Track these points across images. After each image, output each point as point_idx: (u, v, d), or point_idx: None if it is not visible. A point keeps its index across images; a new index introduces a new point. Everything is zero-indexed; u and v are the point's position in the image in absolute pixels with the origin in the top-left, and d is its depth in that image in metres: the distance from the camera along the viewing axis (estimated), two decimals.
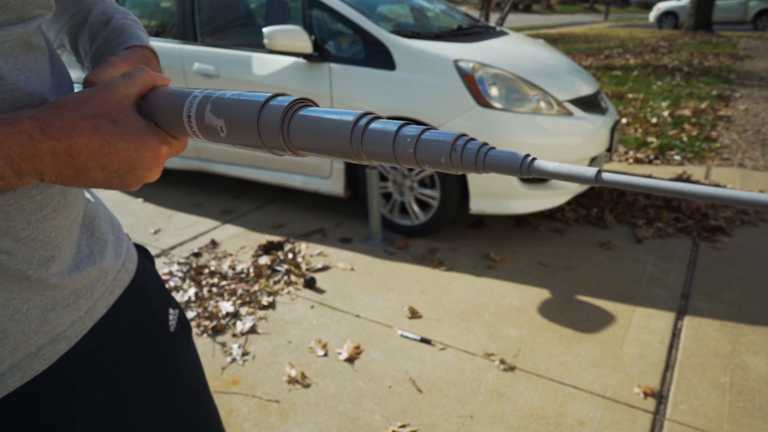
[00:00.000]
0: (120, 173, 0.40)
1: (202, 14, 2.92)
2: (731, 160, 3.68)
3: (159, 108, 0.41)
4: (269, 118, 0.37)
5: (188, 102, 0.40)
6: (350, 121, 0.35)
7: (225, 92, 0.40)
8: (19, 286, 0.42)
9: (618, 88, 6.22)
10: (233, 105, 0.38)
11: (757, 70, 7.52)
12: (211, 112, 0.39)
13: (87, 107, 0.38)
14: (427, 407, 1.54)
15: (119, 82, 0.40)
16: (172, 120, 0.41)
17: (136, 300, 0.56)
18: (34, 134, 0.35)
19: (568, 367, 1.69)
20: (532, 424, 1.47)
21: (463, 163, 0.33)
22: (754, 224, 2.64)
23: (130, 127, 0.39)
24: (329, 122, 0.36)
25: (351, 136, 0.35)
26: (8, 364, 0.44)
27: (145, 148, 0.40)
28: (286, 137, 0.37)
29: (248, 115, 0.37)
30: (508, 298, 2.08)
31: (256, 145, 0.38)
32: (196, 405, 0.65)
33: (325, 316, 1.99)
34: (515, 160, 0.32)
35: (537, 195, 2.37)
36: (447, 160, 0.33)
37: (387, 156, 0.35)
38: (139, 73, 0.42)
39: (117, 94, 0.40)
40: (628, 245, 2.48)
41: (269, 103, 0.37)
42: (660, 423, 1.46)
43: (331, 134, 0.36)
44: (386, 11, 2.99)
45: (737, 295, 2.05)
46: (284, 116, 0.37)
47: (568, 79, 2.62)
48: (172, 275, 2.29)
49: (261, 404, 1.57)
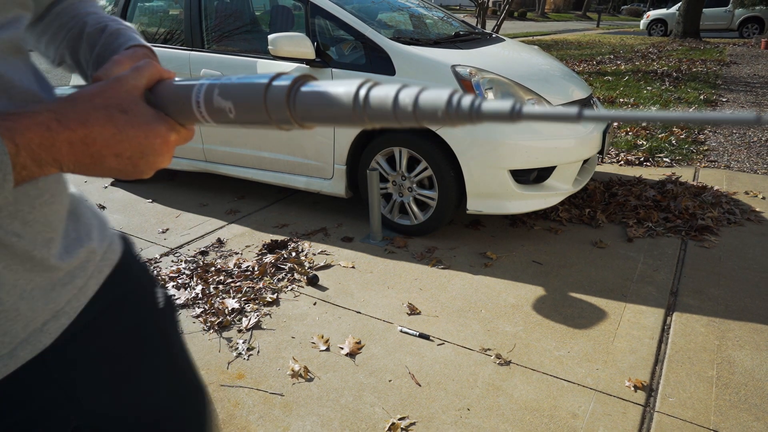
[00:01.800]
0: (133, 160, 0.42)
1: (208, 22, 2.97)
2: (718, 162, 3.76)
3: (167, 98, 0.43)
4: (276, 95, 0.40)
5: (196, 89, 0.42)
6: (353, 91, 0.38)
7: (230, 77, 0.42)
8: (23, 267, 0.46)
9: (610, 92, 6.30)
10: (241, 87, 0.41)
11: (743, 76, 7.66)
12: (219, 96, 0.41)
13: (99, 99, 0.40)
14: (425, 400, 1.57)
15: (128, 75, 0.42)
16: (181, 108, 0.43)
17: (124, 277, 0.59)
18: (51, 125, 0.38)
19: (561, 361, 1.73)
20: (526, 417, 1.50)
21: (458, 115, 0.35)
22: (740, 224, 2.71)
23: (140, 115, 0.41)
24: (333, 93, 0.39)
25: (354, 103, 0.37)
26: (20, 339, 0.47)
27: (155, 135, 0.42)
28: (293, 110, 0.40)
29: (255, 93, 0.41)
30: (504, 295, 2.13)
31: (264, 120, 0.41)
32: (190, 383, 0.68)
33: (327, 313, 2.03)
34: (505, 107, 0.34)
35: (532, 196, 2.42)
36: (444, 114, 0.35)
37: (388, 117, 0.37)
38: (147, 66, 0.44)
39: (127, 86, 0.42)
40: (620, 244, 2.54)
41: (274, 81, 0.41)
42: (650, 415, 1.50)
43: (335, 104, 0.38)
44: (386, 19, 3.05)
45: (724, 292, 2.10)
46: (290, 91, 0.40)
47: (561, 84, 2.67)
48: (179, 273, 2.32)
49: (265, 397, 1.60)
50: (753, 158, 3.85)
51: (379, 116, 0.37)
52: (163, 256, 2.52)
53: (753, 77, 7.57)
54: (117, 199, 3.31)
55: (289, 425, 1.50)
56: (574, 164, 2.47)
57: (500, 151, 2.31)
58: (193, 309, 2.06)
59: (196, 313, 2.03)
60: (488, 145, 2.31)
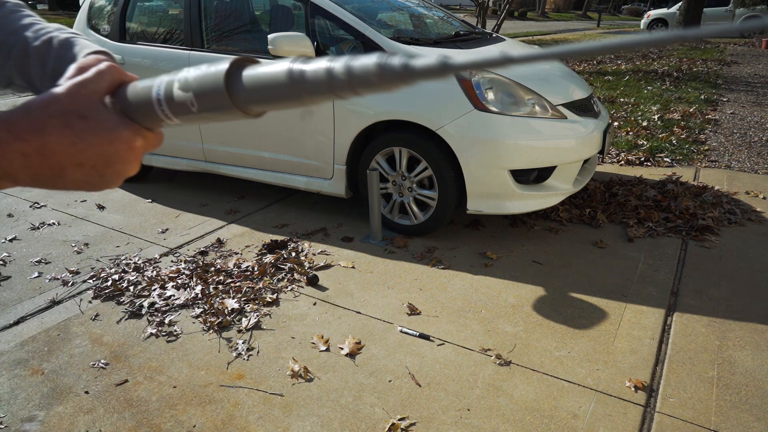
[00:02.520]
0: (98, 169, 0.39)
1: (208, 21, 2.97)
2: (719, 162, 3.76)
3: (129, 100, 0.41)
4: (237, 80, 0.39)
5: (156, 86, 0.40)
6: (286, 67, 0.37)
7: (189, 69, 0.41)
8: None
9: (610, 92, 6.30)
10: (200, 76, 0.39)
11: (744, 75, 7.65)
12: (179, 89, 0.39)
13: (56, 105, 0.37)
14: (425, 401, 1.57)
15: (87, 78, 0.40)
16: (143, 109, 0.41)
17: None
18: (0, 136, 0.35)
19: (561, 361, 1.72)
20: (527, 417, 1.50)
21: (392, 76, 0.35)
22: (741, 224, 2.71)
23: (102, 121, 0.39)
24: (269, 73, 0.38)
25: (290, 80, 0.37)
26: None
27: (119, 140, 0.39)
28: (234, 96, 0.39)
29: (215, 80, 0.39)
30: (504, 295, 2.13)
31: (227, 106, 0.40)
32: None
33: (327, 313, 2.03)
34: (434, 61, 0.34)
35: (532, 196, 2.42)
36: (377, 78, 0.35)
37: (325, 90, 0.37)
38: (106, 68, 0.41)
39: (85, 90, 0.39)
40: (620, 244, 2.54)
41: (233, 66, 0.40)
42: (650, 415, 1.50)
43: (273, 83, 0.37)
44: (386, 18, 3.04)
45: (725, 293, 2.10)
46: (227, 76, 0.39)
47: (562, 83, 2.67)
48: (179, 273, 2.32)
49: (265, 398, 1.60)
50: (754, 158, 3.85)
51: (317, 90, 0.37)
52: (162, 256, 2.52)
53: (754, 77, 7.56)
54: (117, 199, 3.31)
55: (289, 425, 1.50)
56: (575, 164, 2.47)
57: (500, 151, 2.31)
58: (193, 309, 2.06)
59: (195, 313, 2.03)
60: (488, 145, 2.31)
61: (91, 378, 1.71)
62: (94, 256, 2.56)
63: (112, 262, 2.48)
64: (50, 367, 1.78)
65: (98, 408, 1.59)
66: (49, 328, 1.99)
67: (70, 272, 2.40)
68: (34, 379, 1.72)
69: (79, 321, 2.03)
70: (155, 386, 1.67)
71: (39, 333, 1.96)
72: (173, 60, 3.02)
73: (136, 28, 3.29)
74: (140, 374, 1.72)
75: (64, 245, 2.70)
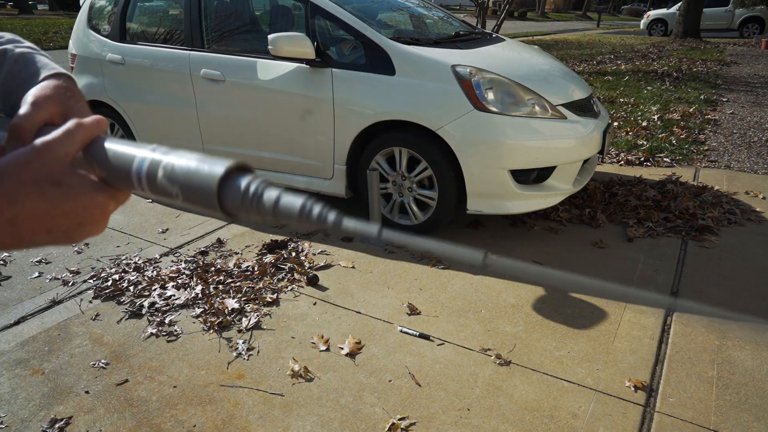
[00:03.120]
0: (68, 233, 0.37)
1: (208, 22, 2.97)
2: (718, 162, 3.76)
3: (104, 164, 0.39)
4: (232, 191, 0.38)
5: (137, 165, 0.38)
6: (274, 198, 0.37)
7: (171, 157, 0.38)
8: None
9: (610, 92, 6.31)
10: (189, 174, 0.38)
11: (744, 76, 7.66)
12: (164, 178, 0.38)
13: (27, 173, 0.34)
14: (425, 400, 1.57)
15: (58, 140, 0.36)
16: (120, 176, 0.39)
17: None
18: None
19: (561, 361, 1.73)
20: (527, 417, 1.50)
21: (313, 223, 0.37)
22: (740, 224, 2.71)
23: (76, 186, 0.36)
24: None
25: (260, 211, 0.37)
26: None
27: (94, 206, 0.37)
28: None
29: (207, 183, 0.37)
30: (504, 295, 2.13)
31: (213, 206, 0.39)
32: None
33: (327, 313, 2.03)
34: (373, 230, 0.37)
35: (532, 196, 2.42)
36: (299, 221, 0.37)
37: (288, 220, 0.38)
38: (77, 129, 0.38)
39: (57, 154, 0.36)
40: (620, 244, 2.54)
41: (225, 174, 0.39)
42: (650, 415, 1.50)
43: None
44: (386, 18, 3.05)
45: (724, 292, 2.10)
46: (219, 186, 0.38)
47: (561, 83, 2.67)
48: (179, 273, 2.32)
49: (265, 397, 1.60)
50: (753, 158, 3.86)
51: (285, 219, 0.38)
52: (163, 256, 2.52)
53: (753, 77, 7.57)
54: None
55: (289, 425, 1.50)
56: (575, 164, 2.48)
57: (500, 151, 2.31)
58: (193, 309, 2.06)
59: (196, 313, 2.03)
60: (488, 145, 2.31)
61: (91, 378, 1.72)
62: (95, 256, 2.56)
63: (113, 262, 2.49)
64: (51, 366, 1.78)
65: (98, 408, 1.59)
66: (50, 327, 1.99)
67: (71, 272, 2.40)
68: (35, 378, 1.72)
69: (79, 321, 2.03)
70: (155, 386, 1.67)
71: (39, 333, 1.96)
72: (173, 60, 3.02)
73: (136, 28, 3.29)
74: (140, 374, 1.72)
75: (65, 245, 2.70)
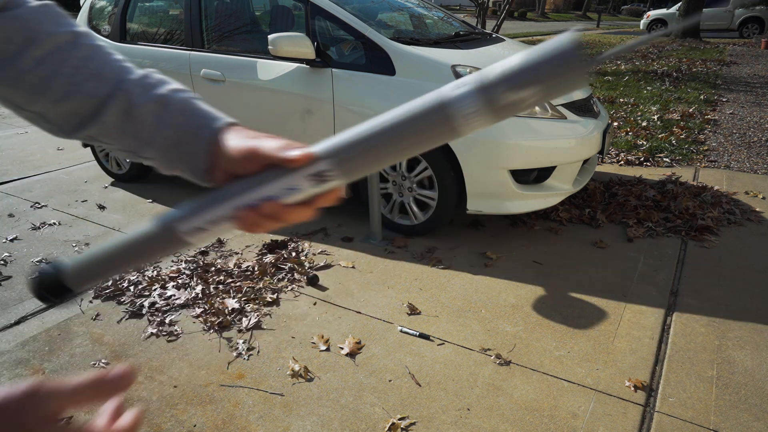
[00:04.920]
0: None
1: (209, 22, 2.98)
2: (718, 162, 3.76)
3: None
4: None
5: (459, 95, 0.36)
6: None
7: (492, 68, 0.36)
8: None
9: (610, 92, 6.31)
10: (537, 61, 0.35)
11: (743, 76, 7.66)
12: (509, 90, 0.35)
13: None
14: (425, 400, 1.58)
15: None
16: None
17: None
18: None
19: (561, 361, 1.73)
20: (526, 417, 1.51)
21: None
22: (740, 224, 2.72)
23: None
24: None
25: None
26: None
27: None
28: None
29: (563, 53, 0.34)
30: (504, 295, 2.13)
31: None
32: None
33: (327, 313, 2.04)
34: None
35: (532, 195, 2.42)
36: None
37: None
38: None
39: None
40: (620, 244, 2.54)
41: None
42: (650, 415, 1.50)
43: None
44: (386, 18, 3.05)
45: (724, 293, 2.10)
46: None
47: None
48: (180, 273, 2.33)
49: (266, 397, 1.60)
50: (753, 158, 3.86)
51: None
52: None
53: (753, 77, 7.57)
54: (117, 199, 3.32)
55: (289, 425, 1.50)
56: (574, 164, 2.48)
57: (500, 151, 2.31)
58: (193, 309, 2.07)
59: (196, 313, 2.03)
60: (488, 145, 2.31)
61: None
62: None
63: None
64: (51, 366, 1.78)
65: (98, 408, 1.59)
66: (50, 327, 1.99)
67: None
68: (35, 378, 1.72)
69: (79, 321, 2.03)
70: (156, 386, 1.67)
71: (40, 333, 1.96)
72: (174, 60, 3.03)
73: (136, 28, 3.30)
74: (141, 374, 1.72)
75: (65, 245, 2.70)
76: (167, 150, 0.44)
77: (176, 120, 0.44)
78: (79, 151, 4.42)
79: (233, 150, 0.41)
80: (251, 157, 0.40)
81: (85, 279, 0.44)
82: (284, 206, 0.39)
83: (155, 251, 0.43)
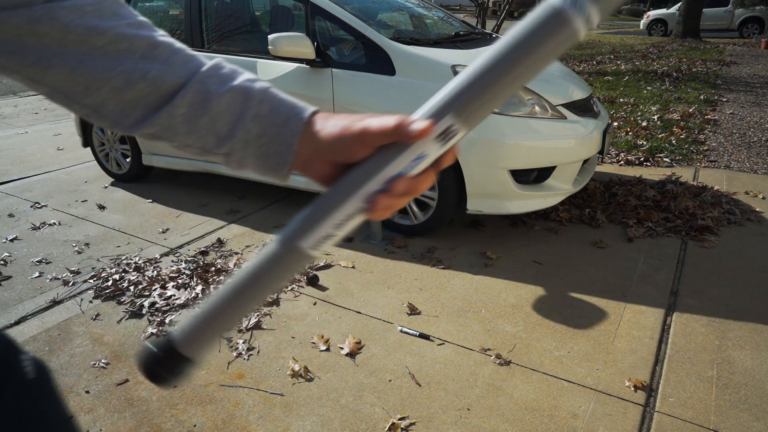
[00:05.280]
0: None
1: (209, 22, 2.98)
2: (718, 162, 3.77)
3: None
4: None
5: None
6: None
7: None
8: None
9: (610, 92, 6.31)
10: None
11: (743, 76, 7.66)
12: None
13: None
14: (425, 400, 1.58)
15: None
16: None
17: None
18: None
19: (561, 361, 1.73)
20: (527, 417, 1.51)
21: None
22: (740, 224, 2.72)
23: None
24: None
25: None
26: None
27: None
28: None
29: None
30: (504, 295, 2.13)
31: None
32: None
33: (327, 313, 2.04)
34: None
35: (532, 195, 2.42)
36: None
37: None
38: None
39: None
40: (620, 244, 2.54)
41: None
42: (650, 415, 1.50)
43: None
44: (386, 18, 3.05)
45: (724, 293, 2.10)
46: None
47: (561, 84, 2.68)
48: (180, 273, 2.33)
49: (266, 397, 1.60)
50: (753, 158, 3.86)
51: None
52: (163, 256, 2.53)
53: (753, 77, 7.57)
54: (117, 199, 3.32)
55: (289, 425, 1.50)
56: (574, 164, 2.48)
57: (500, 151, 2.31)
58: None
59: None
60: (488, 145, 2.31)
61: (91, 378, 1.72)
62: (95, 256, 2.57)
63: (113, 262, 2.49)
64: (51, 366, 1.78)
65: (99, 407, 1.59)
66: (50, 327, 1.99)
67: (71, 272, 2.41)
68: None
69: (79, 321, 2.03)
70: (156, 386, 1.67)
71: (40, 333, 1.96)
72: None
73: None
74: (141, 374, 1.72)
75: (65, 245, 2.70)
76: (248, 145, 0.41)
77: (260, 111, 0.40)
78: (79, 151, 4.42)
79: (335, 137, 0.38)
80: (361, 140, 0.38)
81: (202, 340, 0.41)
82: (413, 179, 0.38)
83: (278, 280, 0.39)
